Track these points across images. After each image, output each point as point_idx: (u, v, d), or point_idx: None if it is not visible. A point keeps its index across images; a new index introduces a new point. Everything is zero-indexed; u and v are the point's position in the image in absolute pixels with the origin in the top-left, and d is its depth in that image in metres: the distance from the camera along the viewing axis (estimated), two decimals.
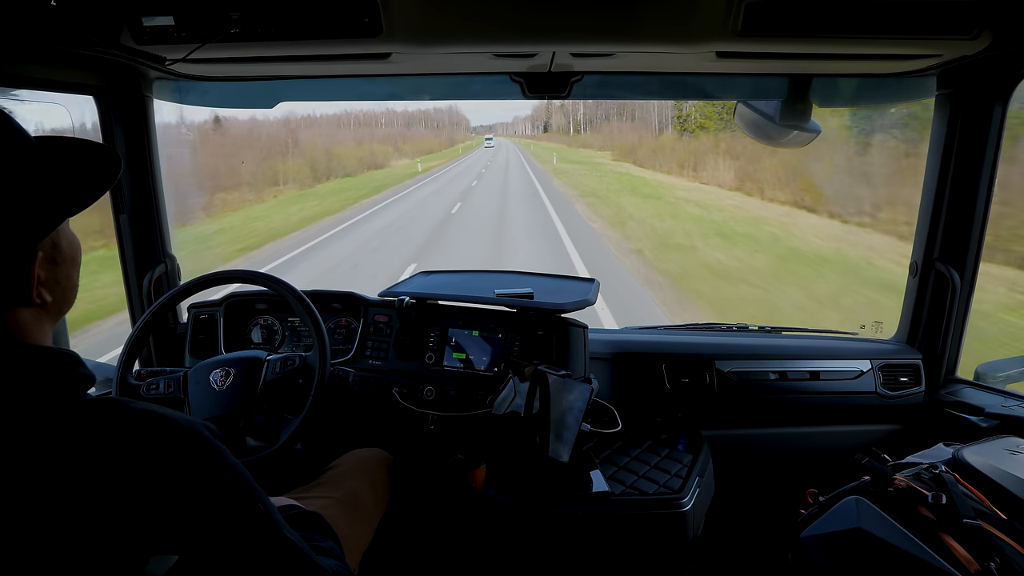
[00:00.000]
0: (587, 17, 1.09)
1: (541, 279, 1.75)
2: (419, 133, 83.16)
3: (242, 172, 18.63)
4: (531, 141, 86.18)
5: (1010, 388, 1.52)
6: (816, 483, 1.22)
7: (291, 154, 25.41)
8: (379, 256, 9.06)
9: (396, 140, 56.69)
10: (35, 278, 0.59)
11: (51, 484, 0.51)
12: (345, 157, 29.88)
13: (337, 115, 76.66)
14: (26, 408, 0.54)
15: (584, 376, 1.46)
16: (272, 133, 27.00)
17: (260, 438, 1.16)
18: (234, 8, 1.07)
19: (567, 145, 59.63)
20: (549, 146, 60.29)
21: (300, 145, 28.26)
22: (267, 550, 0.61)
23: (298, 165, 23.85)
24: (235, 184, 17.12)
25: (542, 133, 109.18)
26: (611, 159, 32.31)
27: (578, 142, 59.84)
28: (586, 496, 1.27)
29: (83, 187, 0.64)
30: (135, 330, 1.26)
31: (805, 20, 1.07)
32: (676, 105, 29.33)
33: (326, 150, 29.66)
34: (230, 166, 17.94)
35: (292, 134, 30.16)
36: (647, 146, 28.72)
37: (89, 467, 0.52)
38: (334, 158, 28.25)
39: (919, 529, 0.97)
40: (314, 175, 23.92)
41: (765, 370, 1.62)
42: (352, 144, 38.57)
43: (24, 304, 0.60)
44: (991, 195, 1.45)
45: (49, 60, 1.22)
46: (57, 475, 0.51)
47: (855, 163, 11.13)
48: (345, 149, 33.24)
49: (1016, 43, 1.16)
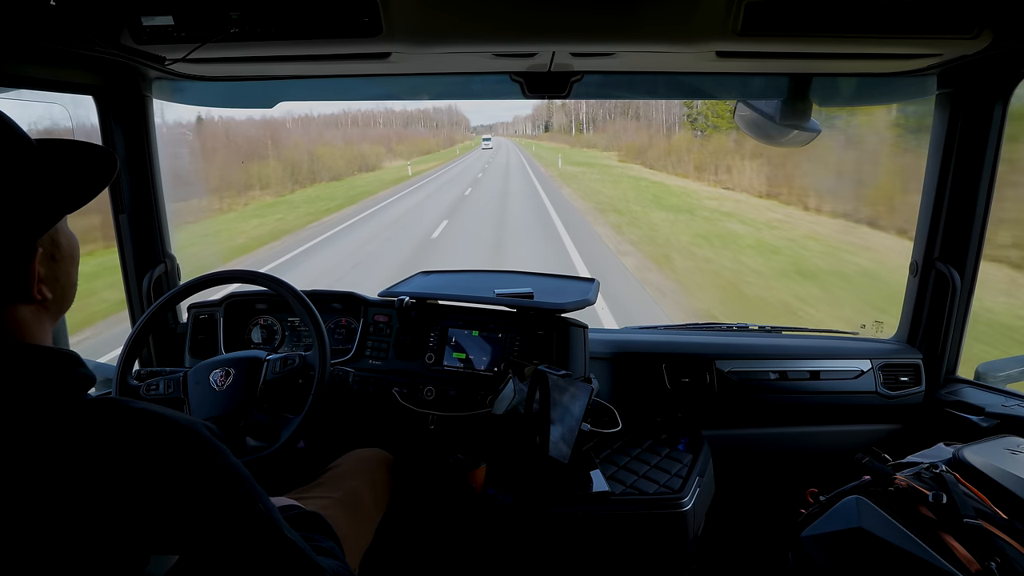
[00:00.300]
0: (587, 17, 1.08)
1: (541, 279, 1.75)
2: (417, 133, 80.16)
3: (216, 177, 16.03)
4: (532, 141, 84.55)
5: (1010, 388, 1.52)
6: (816, 483, 1.22)
7: (275, 155, 22.85)
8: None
9: (391, 140, 55.03)
10: (35, 274, 0.59)
11: (52, 484, 0.51)
12: (331, 159, 27.33)
13: (335, 115, 74.27)
14: (27, 408, 0.54)
15: (584, 376, 1.46)
16: (255, 134, 24.40)
17: (260, 438, 1.16)
18: (233, 8, 1.07)
19: (570, 145, 57.03)
20: (551, 146, 57.54)
21: (286, 146, 26.26)
22: (268, 550, 0.61)
23: (278, 168, 21.27)
24: (207, 190, 14.37)
25: (543, 133, 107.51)
26: (618, 160, 30.60)
27: (581, 142, 58.24)
28: (586, 496, 1.27)
29: (81, 185, 0.64)
30: (135, 330, 1.26)
31: (805, 19, 1.07)
32: (686, 103, 28.18)
33: (310, 151, 26.98)
34: (206, 170, 15.02)
35: (279, 134, 28.07)
36: (658, 147, 27.28)
37: (90, 467, 0.52)
38: (318, 160, 25.63)
39: (920, 529, 0.97)
40: (294, 179, 21.34)
41: (765, 370, 1.62)
42: (341, 145, 35.66)
43: (25, 301, 0.60)
44: (991, 195, 1.45)
45: (49, 60, 1.22)
46: (58, 475, 0.51)
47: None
48: (332, 151, 30.06)
49: (1016, 42, 1.15)
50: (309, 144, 30.04)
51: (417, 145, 57.57)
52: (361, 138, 48.49)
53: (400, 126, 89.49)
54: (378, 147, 42.25)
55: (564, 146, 56.51)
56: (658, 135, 32.04)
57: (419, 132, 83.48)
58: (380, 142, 48.03)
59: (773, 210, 12.21)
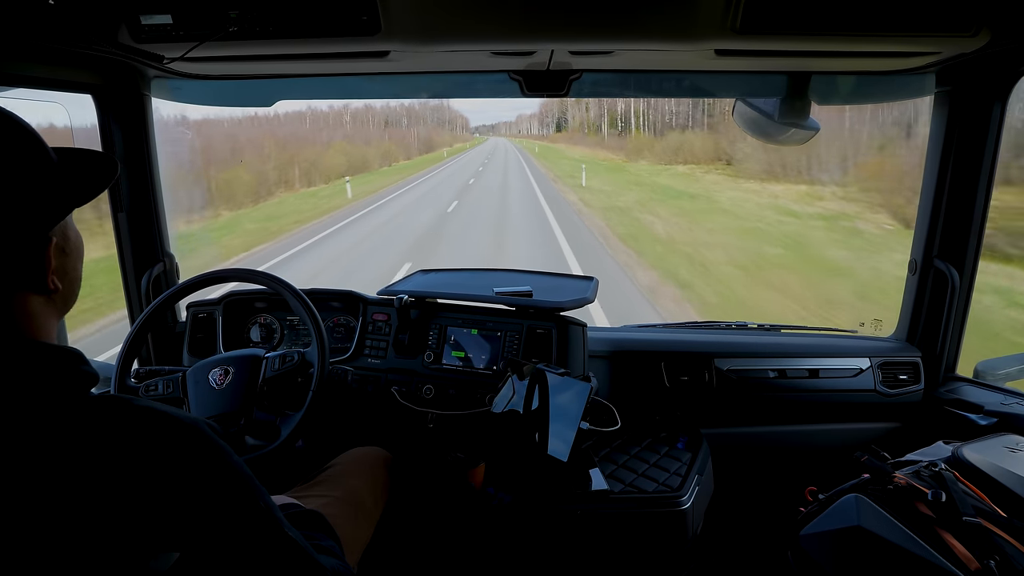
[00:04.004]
0: (585, 15, 1.08)
1: (540, 277, 1.75)
2: (394, 135, 60.46)
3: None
4: (544, 143, 68.36)
5: (1009, 386, 1.52)
6: (815, 481, 1.22)
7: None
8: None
9: (352, 146, 34.90)
10: (50, 263, 0.61)
11: (55, 481, 0.51)
12: (236, 183, 15.90)
13: (301, 112, 52.34)
14: (30, 405, 0.54)
15: (583, 374, 1.46)
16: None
17: (260, 436, 1.16)
18: (232, 7, 1.07)
19: (590, 148, 41.02)
20: (570, 154, 38.38)
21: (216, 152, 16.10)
22: (269, 548, 0.61)
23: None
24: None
25: (554, 132, 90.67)
26: (749, 192, 15.04)
27: (625, 149, 34.56)
28: (585, 494, 1.27)
29: (88, 181, 0.67)
30: (134, 329, 1.26)
31: (804, 18, 1.07)
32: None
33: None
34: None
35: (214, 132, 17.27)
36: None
37: (93, 465, 0.53)
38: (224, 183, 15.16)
39: (919, 527, 0.97)
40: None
41: (764, 368, 1.62)
42: (275, 150, 21.47)
43: (38, 290, 0.61)
44: (990, 193, 1.45)
45: (47, 59, 1.22)
46: (61, 472, 0.51)
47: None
48: (235, 173, 16.60)
49: (1015, 40, 1.15)
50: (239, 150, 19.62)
51: (382, 150, 39.35)
52: (311, 140, 32.72)
53: (376, 127, 68.35)
54: (331, 154, 28.18)
55: (584, 150, 40.63)
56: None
57: (396, 134, 62.52)
58: (336, 150, 30.45)
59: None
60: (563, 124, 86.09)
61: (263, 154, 20.91)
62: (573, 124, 75.49)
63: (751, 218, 11.67)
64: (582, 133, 62.67)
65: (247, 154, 20.31)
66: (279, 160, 21.35)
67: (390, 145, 44.70)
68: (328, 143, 33.06)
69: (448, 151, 58.16)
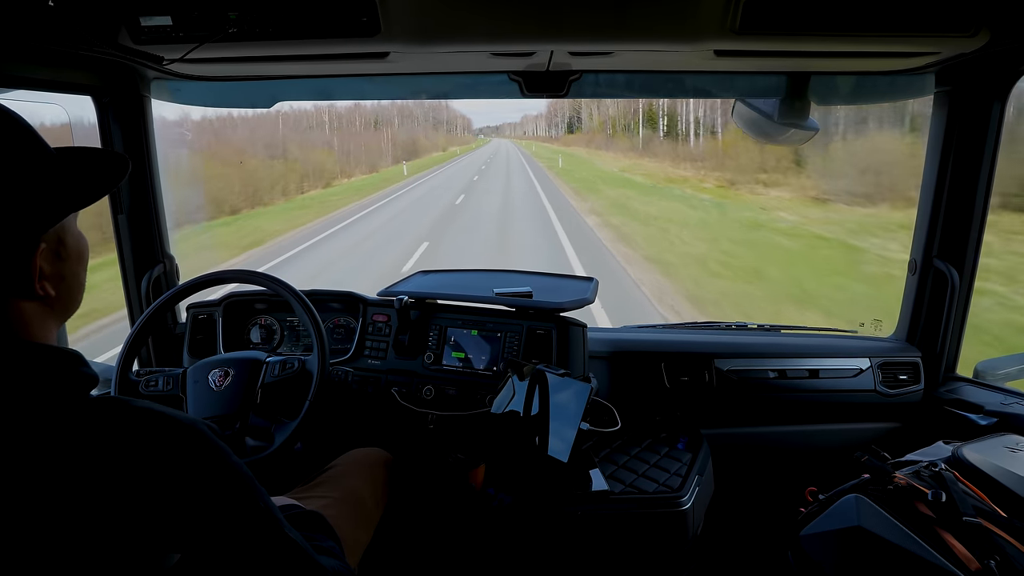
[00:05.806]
0: (585, 16, 1.08)
1: (540, 278, 1.75)
2: (383, 137, 51.34)
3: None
4: (557, 146, 58.75)
5: (1010, 385, 1.52)
6: (815, 481, 1.22)
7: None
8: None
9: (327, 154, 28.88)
10: (37, 269, 0.59)
11: (55, 483, 0.51)
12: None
13: (275, 112, 45.34)
14: (30, 407, 0.54)
15: (583, 375, 1.46)
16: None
17: (257, 439, 1.16)
18: (232, 8, 1.07)
19: (624, 155, 30.73)
20: (603, 165, 27.86)
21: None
22: (269, 549, 0.61)
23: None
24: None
25: (566, 134, 77.90)
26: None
27: (672, 156, 25.64)
28: (585, 495, 1.27)
29: (89, 184, 0.65)
30: (134, 330, 1.26)
31: (803, 18, 1.07)
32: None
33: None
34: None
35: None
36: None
37: (92, 466, 0.53)
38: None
39: (919, 527, 0.97)
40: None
41: (764, 368, 1.62)
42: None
43: (27, 296, 0.59)
44: (990, 193, 1.45)
45: (47, 60, 1.22)
46: (61, 474, 0.51)
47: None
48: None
49: (1014, 40, 1.15)
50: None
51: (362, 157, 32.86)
52: (283, 143, 26.03)
53: (365, 128, 58.08)
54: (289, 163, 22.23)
55: (622, 159, 29.75)
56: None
57: (383, 136, 52.13)
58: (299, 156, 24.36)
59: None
60: (575, 124, 72.69)
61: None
62: (591, 124, 61.45)
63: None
64: (605, 135, 49.82)
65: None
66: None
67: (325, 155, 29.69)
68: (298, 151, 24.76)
69: (437, 158, 48.15)
